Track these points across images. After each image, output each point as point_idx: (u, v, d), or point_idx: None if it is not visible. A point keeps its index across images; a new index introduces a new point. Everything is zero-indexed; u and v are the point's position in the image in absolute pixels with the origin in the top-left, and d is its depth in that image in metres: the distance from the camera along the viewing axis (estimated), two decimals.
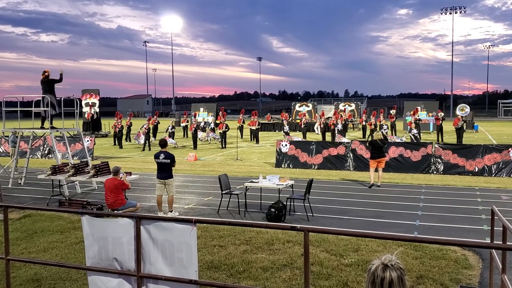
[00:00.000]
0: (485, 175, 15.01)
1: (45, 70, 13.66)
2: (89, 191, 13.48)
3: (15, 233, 8.75)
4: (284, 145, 17.73)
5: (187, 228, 3.92)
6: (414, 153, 16.03)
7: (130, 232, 4.10)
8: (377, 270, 2.20)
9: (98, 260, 4.27)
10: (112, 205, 9.57)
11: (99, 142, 28.94)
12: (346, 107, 48.30)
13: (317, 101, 65.65)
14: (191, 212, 10.57)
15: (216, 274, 6.59)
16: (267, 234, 8.41)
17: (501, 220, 4.56)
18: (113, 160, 19.67)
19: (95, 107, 36.64)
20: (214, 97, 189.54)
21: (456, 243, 5.79)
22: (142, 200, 11.71)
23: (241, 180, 13.75)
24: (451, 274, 6.48)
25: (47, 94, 13.41)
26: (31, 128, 14.63)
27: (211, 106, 43.27)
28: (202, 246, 7.75)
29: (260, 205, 10.78)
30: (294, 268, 6.77)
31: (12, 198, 12.48)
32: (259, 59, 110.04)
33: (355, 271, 6.59)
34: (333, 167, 16.84)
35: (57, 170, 11.92)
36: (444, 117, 28.99)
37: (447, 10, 71.50)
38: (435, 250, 7.42)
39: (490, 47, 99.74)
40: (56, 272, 6.67)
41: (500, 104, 71.91)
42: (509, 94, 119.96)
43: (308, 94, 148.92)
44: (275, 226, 4.15)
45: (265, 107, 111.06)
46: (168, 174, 10.13)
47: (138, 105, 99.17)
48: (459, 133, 24.56)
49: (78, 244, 7.91)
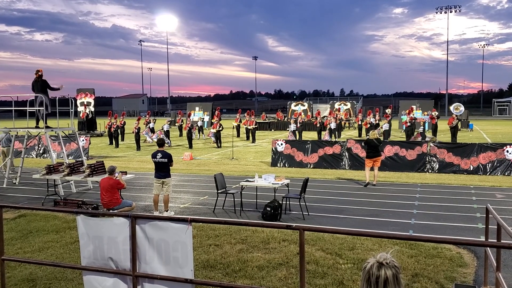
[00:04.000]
0: (480, 174, 15.07)
1: (38, 69, 13.58)
2: (84, 190, 13.44)
3: (10, 233, 8.72)
4: (280, 144, 17.74)
5: (182, 227, 3.92)
6: (410, 152, 16.08)
7: (125, 231, 4.09)
8: (372, 268, 2.21)
9: (94, 259, 4.26)
10: (108, 205, 9.55)
11: (94, 141, 28.85)
12: (341, 106, 48.42)
13: (312, 100, 65.76)
14: (186, 212, 10.56)
15: (212, 273, 6.58)
16: (263, 233, 8.42)
17: (496, 218, 4.58)
18: (108, 160, 19.62)
19: (90, 106, 36.51)
20: (210, 96, 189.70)
21: (451, 241, 5.82)
22: (137, 199, 11.69)
23: (236, 179, 13.75)
24: (446, 272, 6.51)
25: (39, 93, 13.35)
26: (25, 127, 14.56)
27: (206, 106, 43.26)
28: (198, 245, 7.74)
29: (256, 204, 10.78)
30: (290, 266, 6.77)
31: (7, 198, 12.43)
32: (255, 58, 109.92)
33: (351, 270, 6.60)
34: (328, 166, 16.86)
35: (52, 169, 11.87)
36: (439, 115, 29.10)
37: (442, 9, 71.71)
38: (430, 249, 7.45)
39: (485, 46, 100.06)
40: (51, 271, 6.65)
41: (495, 103, 72.23)
42: (504, 93, 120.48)
43: (304, 93, 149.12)
44: (270, 225, 4.16)
45: (260, 106, 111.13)
46: (166, 173, 10.12)
47: (133, 105, 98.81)
48: (454, 132, 24.66)
49: (73, 244, 7.88)
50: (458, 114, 31.13)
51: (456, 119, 25.21)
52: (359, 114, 37.74)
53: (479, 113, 76.01)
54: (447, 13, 71.18)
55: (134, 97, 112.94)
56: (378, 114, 30.38)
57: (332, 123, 27.47)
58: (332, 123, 27.42)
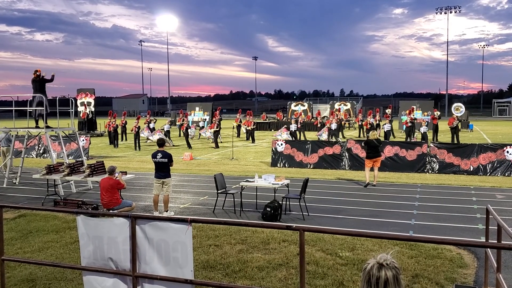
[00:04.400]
0: (480, 174, 15.07)
1: (37, 69, 13.60)
2: (84, 190, 13.44)
3: (10, 233, 8.71)
4: (280, 144, 17.73)
5: (182, 227, 3.91)
6: (410, 152, 16.07)
7: (125, 231, 4.09)
8: (373, 269, 2.20)
9: (93, 260, 4.26)
10: (108, 205, 9.54)
11: (94, 141, 28.85)
12: (341, 106, 48.41)
13: (312, 100, 65.76)
14: (186, 212, 10.55)
15: (212, 273, 6.58)
16: (263, 234, 8.41)
17: (496, 219, 4.58)
18: (109, 160, 19.62)
19: (91, 106, 36.50)
20: (210, 97, 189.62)
21: (452, 242, 5.81)
22: (137, 199, 11.69)
23: (236, 179, 13.74)
24: (447, 273, 6.50)
25: (38, 93, 13.37)
26: (26, 127, 14.56)
27: (206, 106, 43.26)
28: (198, 246, 7.74)
29: (256, 204, 10.78)
30: (290, 267, 6.77)
31: (7, 197, 12.42)
32: (255, 58, 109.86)
33: (351, 270, 6.60)
34: (328, 166, 16.86)
35: (52, 169, 11.87)
36: (440, 115, 29.01)
37: (442, 10, 71.66)
38: (431, 249, 7.44)
39: (485, 46, 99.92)
40: (51, 272, 6.64)
41: (495, 103, 72.26)
42: (504, 93, 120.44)
43: (304, 94, 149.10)
44: (270, 225, 4.15)
45: (260, 106, 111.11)
46: (166, 173, 10.11)
47: (134, 105, 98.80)
48: (454, 133, 24.67)
49: (73, 244, 7.88)
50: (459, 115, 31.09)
51: (457, 120, 25.22)
52: (359, 114, 37.75)
53: (479, 114, 76.01)
54: (447, 13, 71.15)
55: (134, 97, 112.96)
56: (379, 114, 30.36)
57: (333, 123, 27.41)
58: (332, 123, 27.37)
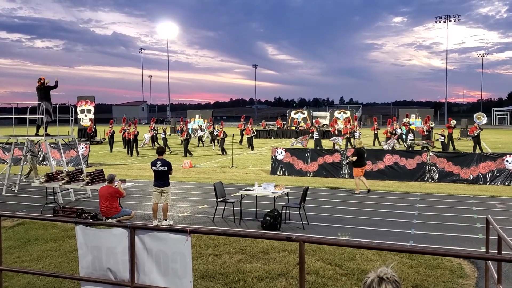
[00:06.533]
0: (479, 183, 15.05)
1: (41, 77, 13.63)
2: (83, 198, 13.40)
3: (8, 242, 8.68)
4: (280, 153, 17.73)
5: (181, 238, 3.90)
6: (409, 161, 16.07)
7: (124, 242, 4.07)
8: (373, 283, 2.19)
9: (92, 270, 4.24)
10: (107, 213, 9.52)
11: (94, 149, 28.83)
12: (341, 114, 48.43)
13: (312, 108, 65.82)
14: (186, 220, 10.52)
15: (211, 283, 6.54)
16: (262, 243, 8.37)
17: (496, 230, 4.56)
18: (108, 167, 19.59)
19: (91, 114, 36.51)
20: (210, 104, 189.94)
21: (452, 254, 5.79)
22: (137, 208, 11.65)
23: (236, 187, 13.72)
24: (447, 283, 6.47)
25: (42, 101, 13.39)
26: (25, 135, 14.56)
27: (206, 113, 43.33)
28: (197, 255, 7.70)
29: (256, 213, 10.75)
30: (290, 277, 6.73)
31: (6, 205, 12.38)
32: (255, 66, 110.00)
33: (351, 281, 6.57)
34: (328, 174, 16.84)
35: (51, 177, 11.84)
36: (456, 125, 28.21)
37: (441, 18, 71.94)
38: (431, 259, 7.42)
39: (484, 55, 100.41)
40: (49, 281, 6.60)
41: (494, 112, 72.29)
42: (503, 102, 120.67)
43: (304, 101, 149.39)
44: (270, 236, 4.14)
45: (260, 114, 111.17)
46: (165, 181, 10.09)
47: (134, 112, 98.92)
48: (477, 141, 24.31)
49: (72, 253, 7.84)
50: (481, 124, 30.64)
51: (478, 129, 24.82)
52: (355, 121, 37.90)
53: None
54: (446, 22, 71.42)
55: (134, 104, 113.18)
56: (397, 122, 29.86)
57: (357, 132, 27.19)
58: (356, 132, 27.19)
